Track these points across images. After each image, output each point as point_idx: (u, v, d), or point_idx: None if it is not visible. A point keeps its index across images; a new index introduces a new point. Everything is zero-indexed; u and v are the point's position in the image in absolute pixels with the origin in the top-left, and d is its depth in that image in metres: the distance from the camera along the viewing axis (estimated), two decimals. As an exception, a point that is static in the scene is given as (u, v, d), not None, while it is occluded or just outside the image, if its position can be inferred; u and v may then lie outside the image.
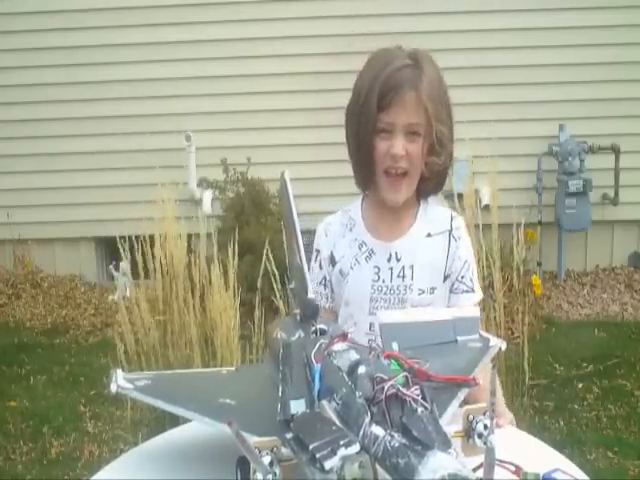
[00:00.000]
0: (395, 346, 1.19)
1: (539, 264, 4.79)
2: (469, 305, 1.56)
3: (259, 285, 2.99)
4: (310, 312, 1.19)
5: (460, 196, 3.53)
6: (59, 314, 4.71)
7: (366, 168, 1.59)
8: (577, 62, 4.79)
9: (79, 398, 3.63)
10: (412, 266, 1.58)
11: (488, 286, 2.99)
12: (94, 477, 1.23)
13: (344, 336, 1.11)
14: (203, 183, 4.80)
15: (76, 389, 3.74)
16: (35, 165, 4.99)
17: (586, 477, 1.21)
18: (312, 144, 4.71)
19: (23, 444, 3.27)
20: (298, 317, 1.20)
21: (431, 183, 1.61)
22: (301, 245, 1.22)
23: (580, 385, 3.64)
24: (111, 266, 4.28)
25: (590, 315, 4.53)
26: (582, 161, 4.77)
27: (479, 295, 1.63)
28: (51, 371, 3.95)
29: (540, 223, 4.78)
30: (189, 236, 3.11)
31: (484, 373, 1.23)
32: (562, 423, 3.32)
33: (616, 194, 4.89)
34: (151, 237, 3.01)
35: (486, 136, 4.07)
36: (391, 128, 1.53)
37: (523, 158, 4.85)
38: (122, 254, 3.13)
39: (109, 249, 3.29)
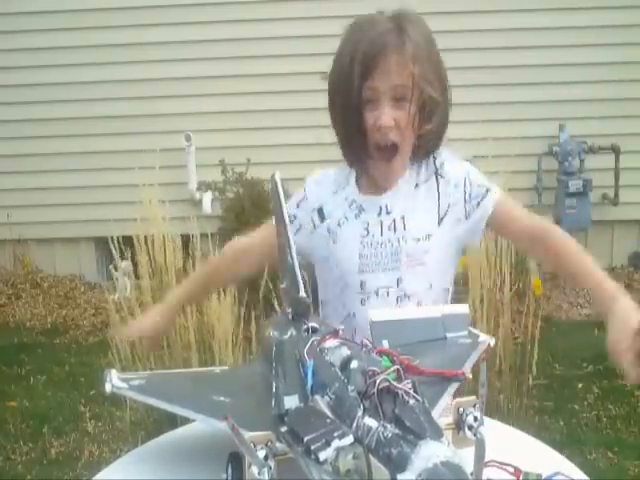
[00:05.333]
0: (385, 344, 1.20)
1: (539, 264, 4.79)
2: (495, 205, 1.53)
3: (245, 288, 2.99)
4: (302, 310, 1.20)
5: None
6: (59, 314, 4.72)
7: (355, 145, 1.55)
8: (577, 62, 4.79)
9: (79, 398, 3.63)
10: (403, 217, 1.55)
11: (493, 287, 2.99)
12: (94, 478, 1.23)
13: (336, 333, 1.12)
14: (202, 186, 4.80)
15: (76, 389, 3.74)
16: (35, 165, 4.99)
17: (586, 477, 1.21)
18: (312, 144, 4.70)
19: (23, 444, 3.27)
20: (290, 316, 1.21)
21: (422, 150, 1.58)
22: (292, 244, 1.23)
23: (580, 385, 3.65)
24: (111, 266, 4.27)
25: (590, 315, 4.52)
26: (582, 161, 4.77)
27: (497, 190, 1.56)
28: (51, 371, 3.95)
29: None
30: (190, 237, 3.11)
31: None
32: (562, 423, 3.32)
33: (616, 194, 4.89)
34: (146, 238, 3.02)
35: (486, 136, 4.07)
36: (376, 96, 1.48)
37: (523, 158, 4.84)
38: (115, 255, 3.13)
39: (109, 249, 3.30)
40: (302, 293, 1.19)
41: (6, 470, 3.10)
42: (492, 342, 1.29)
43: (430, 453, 0.82)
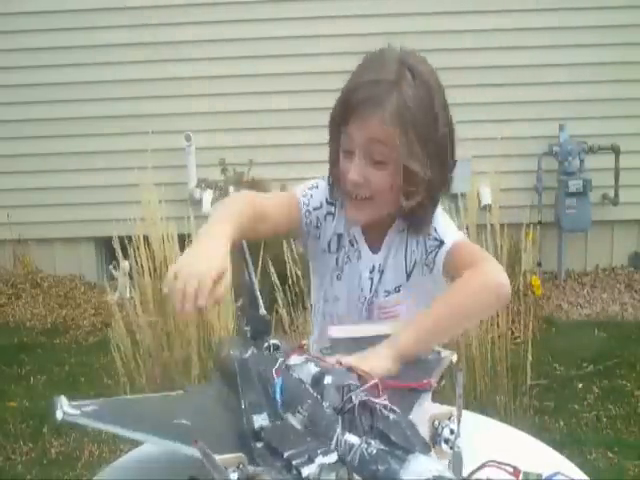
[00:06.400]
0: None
1: (539, 264, 4.79)
2: (445, 257, 1.42)
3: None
4: (262, 329, 1.17)
5: (460, 196, 3.54)
6: (59, 314, 4.71)
7: (335, 186, 1.48)
8: (577, 62, 4.79)
9: (79, 398, 3.63)
10: (383, 271, 1.51)
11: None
12: (94, 478, 1.23)
13: (300, 348, 1.11)
14: (202, 184, 4.79)
15: (76, 389, 3.74)
16: (35, 165, 4.98)
17: (586, 477, 1.21)
18: (312, 144, 4.70)
19: (23, 444, 3.27)
20: (249, 334, 1.17)
21: (412, 219, 1.45)
22: (249, 260, 1.20)
23: (580, 385, 3.64)
24: (111, 266, 4.28)
25: (590, 315, 4.53)
26: (582, 161, 4.77)
27: (450, 241, 1.43)
28: (51, 371, 3.95)
29: (540, 223, 4.78)
30: (189, 236, 3.11)
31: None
32: (562, 423, 3.32)
33: (616, 194, 4.89)
34: (146, 238, 3.02)
35: (486, 136, 4.07)
36: (351, 146, 1.38)
37: (523, 158, 4.85)
38: (118, 254, 3.13)
39: (109, 249, 3.31)
40: (262, 311, 1.16)
41: (6, 470, 3.10)
42: (454, 358, 1.27)
43: (421, 468, 0.80)
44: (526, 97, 4.82)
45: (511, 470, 1.07)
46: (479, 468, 1.03)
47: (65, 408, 1.10)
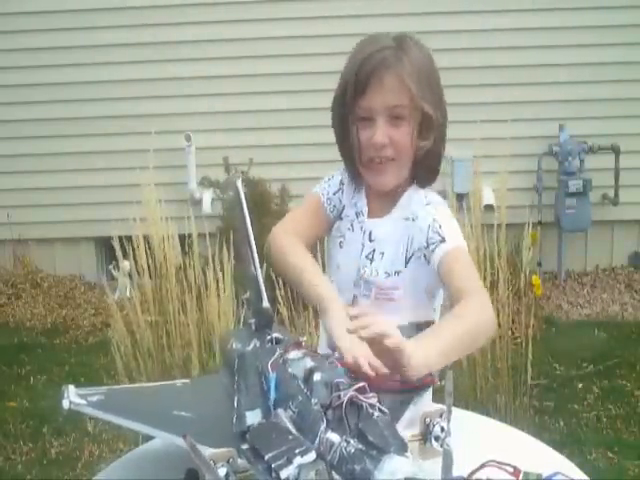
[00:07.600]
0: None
1: (539, 264, 4.79)
2: (443, 255, 1.44)
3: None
4: (265, 321, 1.17)
5: (461, 196, 3.55)
6: (59, 314, 4.71)
7: (351, 159, 1.56)
8: (577, 62, 4.79)
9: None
10: (383, 253, 1.54)
11: (491, 287, 2.99)
12: (94, 478, 1.23)
13: (298, 344, 1.11)
14: (205, 182, 4.79)
15: (76, 389, 3.74)
16: (35, 165, 4.98)
17: (586, 477, 1.21)
18: (312, 144, 4.71)
19: (23, 444, 3.27)
20: (253, 326, 1.18)
21: (422, 168, 1.55)
22: (255, 254, 1.20)
23: (580, 385, 3.65)
24: (111, 266, 4.27)
25: (590, 315, 4.53)
26: (582, 161, 4.77)
27: (453, 243, 1.46)
28: (51, 371, 3.95)
29: (540, 223, 4.78)
30: (189, 236, 3.11)
31: None
32: (562, 423, 3.32)
33: (616, 194, 4.89)
34: (146, 238, 3.02)
35: (486, 136, 4.07)
36: (371, 114, 1.47)
37: (523, 158, 4.84)
38: (118, 254, 3.13)
39: (109, 249, 3.32)
40: (265, 304, 1.17)
41: (6, 470, 3.10)
42: None
43: (394, 468, 0.81)
44: (526, 97, 4.82)
45: (511, 470, 1.07)
46: (479, 468, 1.03)
47: (72, 397, 1.12)
